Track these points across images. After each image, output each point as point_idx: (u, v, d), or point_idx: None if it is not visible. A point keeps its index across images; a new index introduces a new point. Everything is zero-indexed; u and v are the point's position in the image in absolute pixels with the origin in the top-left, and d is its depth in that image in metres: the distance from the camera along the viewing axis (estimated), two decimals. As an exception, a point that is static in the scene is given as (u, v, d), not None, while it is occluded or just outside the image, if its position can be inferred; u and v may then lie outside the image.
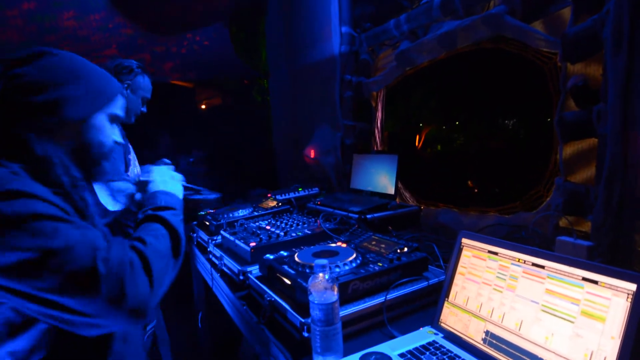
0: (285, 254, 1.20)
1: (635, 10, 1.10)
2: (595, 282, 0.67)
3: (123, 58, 1.76)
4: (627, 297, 0.63)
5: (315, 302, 0.81)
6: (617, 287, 0.65)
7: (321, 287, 0.82)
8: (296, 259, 1.11)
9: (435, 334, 0.90)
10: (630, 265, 1.13)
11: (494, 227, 1.44)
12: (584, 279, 0.69)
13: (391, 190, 1.89)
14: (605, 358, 0.63)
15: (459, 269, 0.92)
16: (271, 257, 1.18)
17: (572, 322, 0.68)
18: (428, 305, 1.05)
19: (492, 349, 0.78)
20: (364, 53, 2.29)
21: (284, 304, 0.99)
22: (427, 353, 0.82)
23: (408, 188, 2.30)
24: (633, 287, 0.63)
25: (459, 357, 0.80)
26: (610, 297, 0.65)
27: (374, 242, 1.26)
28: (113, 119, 0.89)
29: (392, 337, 0.92)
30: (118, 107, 0.90)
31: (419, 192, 2.28)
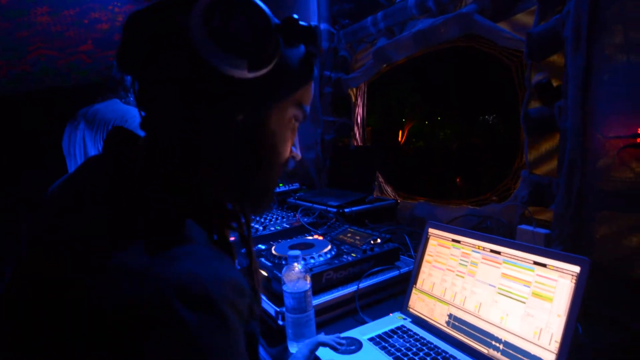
0: (262, 247, 1.23)
1: (593, 11, 1.16)
2: (544, 266, 0.73)
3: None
4: (572, 279, 0.69)
5: (288, 291, 0.84)
6: (563, 269, 0.70)
7: (294, 276, 0.86)
8: (273, 251, 1.14)
9: (404, 319, 0.95)
10: (589, 253, 1.21)
11: (464, 218, 1.50)
12: (535, 262, 0.75)
13: (370, 185, 1.93)
14: (552, 335, 0.69)
15: (426, 257, 0.97)
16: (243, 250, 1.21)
17: (524, 302, 0.74)
18: (399, 292, 1.10)
19: (455, 330, 0.84)
20: (343, 49, 2.32)
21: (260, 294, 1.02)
22: (395, 336, 0.87)
23: (389, 182, 2.35)
24: (577, 269, 0.69)
25: (424, 339, 0.85)
26: (557, 279, 0.71)
27: (349, 235, 1.30)
28: None
29: (364, 323, 0.97)
30: None
31: (400, 186, 2.34)
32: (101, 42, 2.25)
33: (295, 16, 0.47)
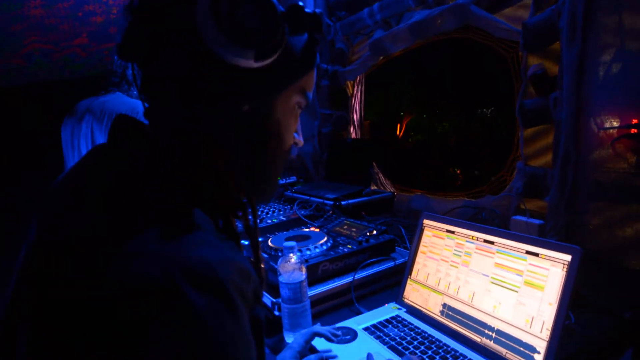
0: (259, 239, 1.24)
1: (589, 1, 1.16)
2: (537, 255, 0.74)
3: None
4: (563, 267, 0.70)
5: (284, 281, 0.85)
6: (555, 258, 0.71)
7: (289, 267, 0.86)
8: (269, 243, 1.15)
9: (399, 309, 0.96)
10: (583, 243, 1.22)
11: (460, 210, 1.51)
12: (527, 252, 0.75)
13: (367, 177, 1.94)
14: (543, 322, 0.70)
15: (421, 248, 0.98)
16: (245, 242, 1.22)
17: (516, 291, 0.75)
18: (395, 283, 1.11)
19: (449, 319, 0.85)
20: (339, 42, 2.31)
21: (257, 286, 1.03)
22: (390, 326, 0.88)
23: (387, 176, 2.35)
24: (568, 258, 0.70)
25: (419, 328, 0.86)
26: (548, 267, 0.72)
27: (345, 227, 1.31)
28: None
29: (360, 313, 0.98)
30: None
31: (398, 180, 2.34)
32: (96, 35, 2.24)
33: (301, 3, 0.47)
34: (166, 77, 0.45)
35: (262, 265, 0.59)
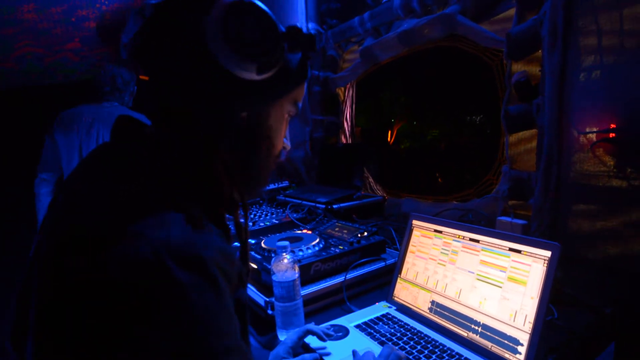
0: (252, 241, 1.26)
1: (568, 10, 1.22)
2: (519, 252, 0.77)
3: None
4: (544, 263, 0.73)
5: (277, 280, 0.87)
6: (536, 254, 0.75)
7: (283, 267, 0.88)
8: (262, 245, 1.17)
9: (389, 307, 0.98)
10: (566, 242, 1.26)
11: (447, 212, 1.55)
12: (510, 249, 0.79)
13: (358, 181, 1.97)
14: (526, 316, 0.73)
15: (410, 247, 1.01)
16: (238, 244, 1.23)
17: (500, 287, 0.78)
18: (385, 283, 1.13)
19: (437, 316, 0.88)
20: (331, 49, 2.35)
21: (250, 286, 1.05)
22: (380, 323, 0.90)
23: (378, 182, 2.38)
24: (548, 253, 0.73)
25: (408, 325, 0.89)
26: (530, 263, 0.75)
27: (337, 229, 1.33)
28: None
29: (351, 312, 1.00)
30: None
31: (389, 185, 2.37)
32: (89, 40, 2.24)
33: (299, 25, 0.52)
34: (172, 81, 0.49)
35: (250, 264, 0.63)
